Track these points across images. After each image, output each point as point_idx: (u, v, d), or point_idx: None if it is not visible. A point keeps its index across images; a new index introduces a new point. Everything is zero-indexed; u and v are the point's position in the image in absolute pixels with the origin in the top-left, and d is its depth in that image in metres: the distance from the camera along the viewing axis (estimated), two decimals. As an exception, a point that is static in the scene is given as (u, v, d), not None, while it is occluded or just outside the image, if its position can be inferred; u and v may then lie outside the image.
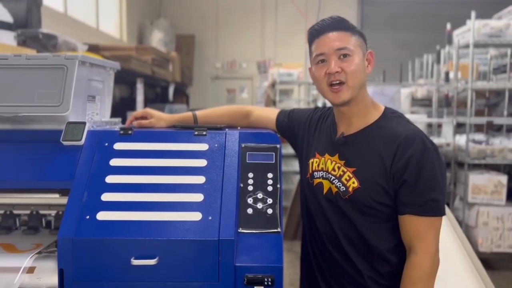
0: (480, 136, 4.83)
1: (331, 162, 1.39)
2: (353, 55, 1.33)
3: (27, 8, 3.41)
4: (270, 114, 1.63)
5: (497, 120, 4.80)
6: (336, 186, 1.37)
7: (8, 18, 2.93)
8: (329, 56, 1.33)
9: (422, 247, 1.28)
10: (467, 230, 4.39)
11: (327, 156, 1.42)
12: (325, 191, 1.41)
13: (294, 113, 1.60)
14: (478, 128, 5.27)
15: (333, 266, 1.40)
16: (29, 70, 1.40)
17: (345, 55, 1.32)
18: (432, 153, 1.29)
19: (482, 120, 4.81)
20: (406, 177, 1.28)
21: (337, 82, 1.32)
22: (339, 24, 1.35)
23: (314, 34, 1.38)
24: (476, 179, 4.37)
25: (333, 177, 1.38)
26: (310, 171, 1.46)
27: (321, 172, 1.42)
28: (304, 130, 1.54)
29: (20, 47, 2.96)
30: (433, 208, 1.28)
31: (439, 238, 1.32)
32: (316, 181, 1.43)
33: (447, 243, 2.28)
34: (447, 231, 2.37)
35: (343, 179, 1.35)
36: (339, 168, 1.37)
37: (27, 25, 3.39)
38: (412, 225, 1.28)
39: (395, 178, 1.29)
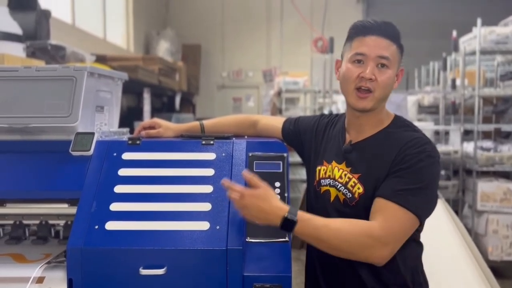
0: (488, 143, 4.80)
1: (338, 170, 1.39)
2: (390, 67, 1.31)
3: (36, 20, 3.46)
4: (276, 122, 1.63)
5: (505, 127, 4.77)
6: (343, 193, 1.36)
7: (17, 30, 2.97)
8: (369, 60, 1.30)
9: (383, 224, 1.19)
10: (477, 238, 4.34)
11: (334, 163, 1.41)
12: (332, 199, 1.40)
13: (300, 120, 1.60)
14: (486, 135, 5.24)
15: (338, 275, 1.39)
16: (39, 81, 1.42)
17: (383, 65, 1.30)
18: (428, 157, 1.26)
19: (490, 127, 4.78)
20: (397, 168, 1.25)
21: (366, 89, 1.31)
22: (389, 32, 1.32)
23: (361, 30, 1.33)
24: (484, 186, 4.34)
25: (339, 185, 1.37)
26: (317, 178, 1.46)
27: (328, 180, 1.42)
28: (311, 137, 1.53)
29: (29, 58, 3.00)
30: (404, 197, 1.21)
31: (401, 241, 1.23)
32: (323, 188, 1.43)
33: (456, 251, 2.26)
34: (456, 239, 2.35)
35: (348, 185, 1.35)
36: (345, 175, 1.37)
37: (36, 37, 3.44)
38: (379, 206, 1.23)
39: (389, 173, 1.27)
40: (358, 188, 1.33)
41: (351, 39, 1.36)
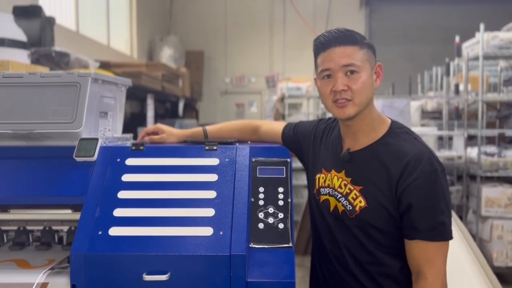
0: (492, 148, 4.78)
1: (338, 179, 1.37)
2: (360, 71, 1.28)
3: (41, 27, 3.49)
4: (277, 128, 1.62)
5: (509, 132, 4.76)
6: (343, 205, 1.34)
7: (22, 37, 3.00)
8: (335, 72, 1.29)
9: (432, 272, 1.24)
10: (481, 244, 4.31)
11: (333, 172, 1.39)
12: (331, 208, 1.38)
13: (299, 126, 1.59)
14: (490, 140, 5.22)
15: (340, 284, 1.38)
16: (43, 87, 1.43)
17: (352, 72, 1.28)
18: (440, 175, 1.25)
19: (494, 132, 4.77)
20: (414, 200, 1.24)
21: (343, 100, 1.29)
22: (346, 38, 1.30)
23: (320, 47, 1.33)
24: (489, 192, 4.32)
25: (339, 195, 1.36)
26: (317, 187, 1.44)
27: (327, 189, 1.40)
28: (309, 144, 1.52)
29: (33, 65, 3.03)
30: (442, 232, 1.24)
31: (445, 268, 1.28)
32: (323, 197, 1.41)
33: (461, 257, 2.25)
34: (461, 245, 2.33)
35: (349, 197, 1.33)
36: (345, 185, 1.35)
37: (41, 44, 3.47)
38: (421, 250, 1.25)
39: (401, 199, 1.26)
40: (360, 202, 1.31)
41: (315, 56, 1.36)
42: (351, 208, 1.32)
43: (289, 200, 1.31)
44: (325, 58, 1.31)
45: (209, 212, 1.26)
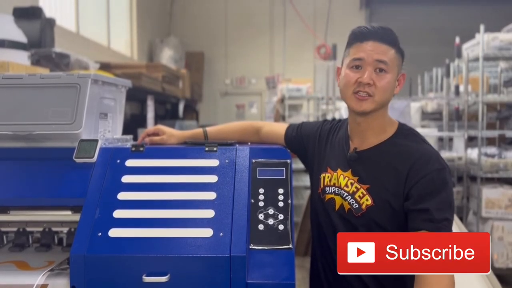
0: (492, 150, 4.78)
1: (344, 178, 1.38)
2: (388, 72, 1.31)
3: (41, 29, 3.50)
4: (279, 129, 1.62)
5: (509, 133, 4.75)
6: (349, 203, 1.35)
7: (22, 38, 3.00)
8: (366, 64, 1.30)
9: None
10: (482, 245, 4.30)
11: (339, 171, 1.40)
12: (337, 207, 1.39)
13: (303, 126, 1.59)
14: (490, 141, 5.22)
15: (342, 283, 1.38)
16: (43, 89, 1.43)
17: (381, 70, 1.30)
18: (447, 174, 1.28)
19: (494, 133, 4.77)
20: (423, 194, 1.25)
21: (365, 93, 1.31)
22: (386, 36, 1.33)
23: (358, 36, 1.33)
24: (489, 193, 4.31)
25: (345, 194, 1.36)
26: (322, 186, 1.45)
27: (333, 188, 1.41)
28: (314, 144, 1.52)
29: (33, 66, 3.03)
30: (447, 227, 1.25)
31: None
32: (328, 196, 1.42)
33: (462, 258, 2.24)
34: (461, 247, 2.32)
35: (356, 196, 1.34)
36: (352, 184, 1.35)
37: (41, 45, 3.47)
38: None
39: (409, 194, 1.27)
40: (367, 200, 1.32)
41: (349, 45, 1.36)
42: (357, 206, 1.33)
43: (289, 201, 1.31)
44: (360, 49, 1.32)
45: (209, 213, 1.26)
